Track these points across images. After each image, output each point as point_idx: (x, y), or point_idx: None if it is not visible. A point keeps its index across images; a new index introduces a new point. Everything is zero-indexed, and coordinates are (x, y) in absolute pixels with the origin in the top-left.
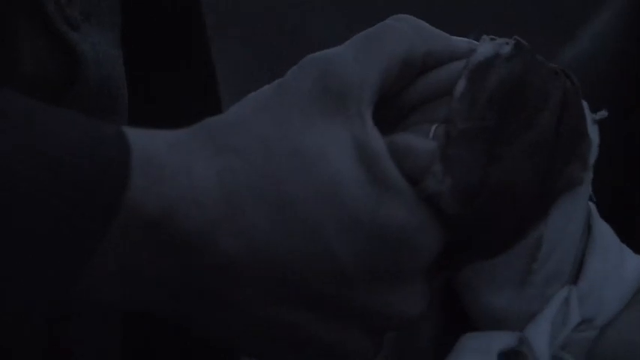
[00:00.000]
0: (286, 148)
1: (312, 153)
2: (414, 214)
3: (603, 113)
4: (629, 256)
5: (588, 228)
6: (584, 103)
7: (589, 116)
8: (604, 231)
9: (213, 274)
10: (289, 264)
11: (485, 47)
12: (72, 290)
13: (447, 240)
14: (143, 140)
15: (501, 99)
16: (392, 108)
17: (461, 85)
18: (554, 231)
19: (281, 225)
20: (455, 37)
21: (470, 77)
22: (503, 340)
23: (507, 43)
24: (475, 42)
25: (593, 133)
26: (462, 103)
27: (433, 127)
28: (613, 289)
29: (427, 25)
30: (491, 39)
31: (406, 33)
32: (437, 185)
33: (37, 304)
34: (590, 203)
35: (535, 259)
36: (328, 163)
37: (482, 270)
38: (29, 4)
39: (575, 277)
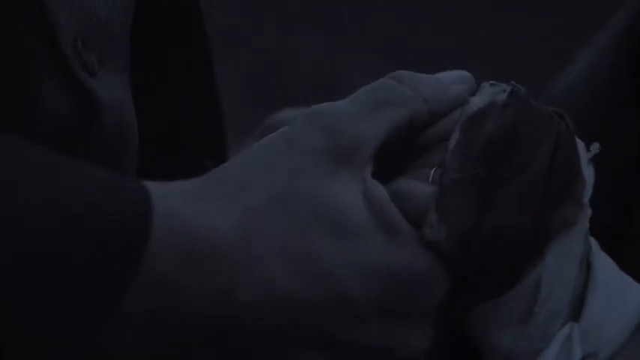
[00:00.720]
0: (301, 203)
1: (327, 207)
2: (424, 258)
3: (596, 146)
4: (631, 288)
5: (588, 264)
6: (580, 143)
7: (584, 156)
8: (605, 265)
9: (230, 325)
10: (306, 312)
11: (480, 98)
12: (95, 344)
13: (452, 281)
14: (162, 193)
15: (494, 148)
16: (398, 154)
17: (454, 137)
18: (552, 272)
19: (299, 277)
20: (455, 76)
21: (463, 129)
22: None
23: (504, 90)
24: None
25: (588, 172)
26: (455, 154)
27: (432, 171)
28: (615, 323)
29: (425, 78)
30: (491, 84)
31: (409, 97)
32: (433, 234)
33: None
34: (592, 238)
35: (535, 302)
36: (342, 215)
37: (487, 310)
38: (48, 48)
39: (577, 313)
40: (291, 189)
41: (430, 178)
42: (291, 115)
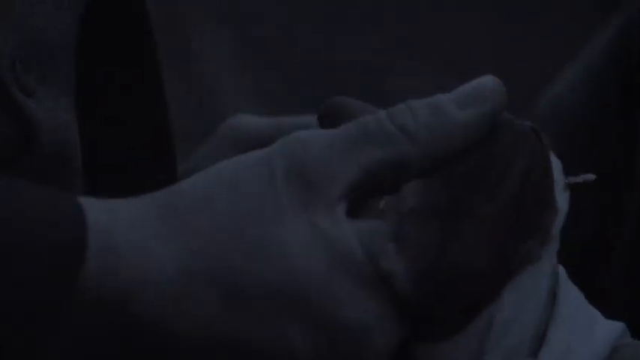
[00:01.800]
0: (248, 237)
1: (273, 247)
2: (377, 307)
3: (590, 177)
4: (599, 323)
5: (554, 295)
6: (557, 164)
7: (559, 179)
8: (571, 298)
9: (165, 354)
10: (240, 346)
11: None
12: None
13: (405, 330)
14: (101, 217)
15: (461, 175)
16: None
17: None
18: (510, 309)
19: (233, 312)
20: (470, 94)
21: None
22: None
23: None
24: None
25: (562, 200)
26: (417, 181)
27: (382, 202)
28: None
29: (422, 115)
30: None
31: (393, 138)
32: (390, 265)
33: None
34: (560, 266)
35: (487, 339)
36: (287, 258)
37: (439, 353)
38: None
39: (537, 350)
40: (244, 221)
41: (380, 206)
42: (246, 122)
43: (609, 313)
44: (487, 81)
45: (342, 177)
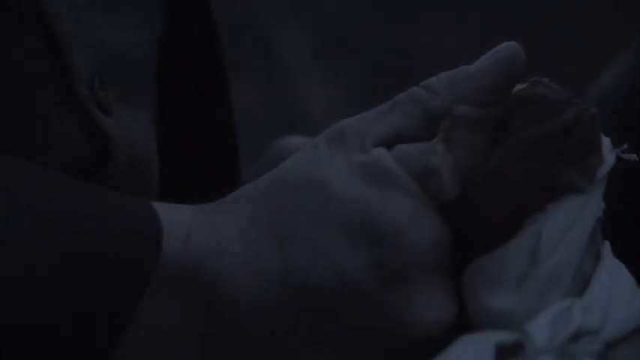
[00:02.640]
0: (292, 181)
1: (314, 182)
2: (413, 203)
3: (625, 149)
4: None
5: (598, 255)
6: (605, 138)
7: (607, 143)
8: (616, 265)
9: (241, 317)
10: (306, 290)
11: None
12: (116, 352)
13: (446, 234)
14: (170, 209)
15: (518, 99)
16: None
17: None
18: (554, 229)
19: (292, 255)
20: (490, 60)
21: None
22: (501, 336)
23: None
24: None
25: (609, 156)
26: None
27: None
28: (621, 307)
29: (446, 74)
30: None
31: (420, 96)
32: (438, 161)
33: None
34: (606, 242)
35: (534, 255)
36: (326, 188)
37: (482, 270)
38: (61, 87)
39: (582, 289)
40: (285, 178)
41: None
42: (296, 142)
43: None
44: (503, 44)
45: (373, 133)
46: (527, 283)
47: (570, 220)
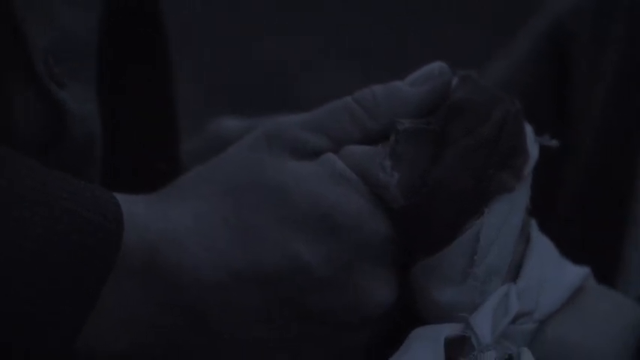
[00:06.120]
0: (246, 186)
1: (271, 179)
2: (366, 202)
3: (548, 140)
4: (569, 265)
5: (527, 238)
6: (528, 126)
7: (530, 135)
8: (544, 242)
9: (200, 304)
10: (266, 280)
11: None
12: (78, 339)
13: (393, 229)
14: (126, 199)
15: (447, 110)
16: None
17: None
18: (491, 228)
19: (252, 247)
20: (421, 76)
21: None
22: (450, 328)
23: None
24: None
25: (533, 149)
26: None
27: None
28: (551, 288)
29: (383, 94)
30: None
31: (358, 115)
32: (386, 178)
33: (44, 352)
34: (533, 219)
35: (475, 252)
36: (283, 190)
37: (428, 268)
38: (21, 62)
39: (514, 278)
40: (237, 176)
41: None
42: (234, 125)
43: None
44: (434, 64)
45: (312, 143)
46: (471, 276)
47: (503, 218)
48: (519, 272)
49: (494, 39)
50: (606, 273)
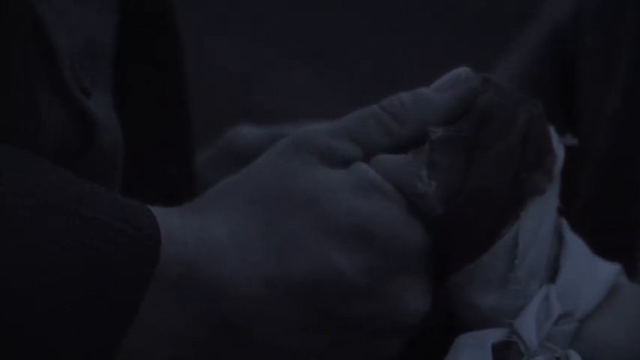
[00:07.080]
0: (278, 196)
1: (302, 189)
2: (400, 211)
3: (570, 139)
4: (600, 262)
5: (560, 237)
6: (551, 128)
7: (555, 136)
8: (576, 241)
9: (237, 315)
10: (302, 293)
11: None
12: (117, 355)
13: (431, 238)
14: (162, 212)
15: (476, 115)
16: None
17: None
18: (527, 232)
19: (287, 257)
20: (446, 81)
21: None
22: (495, 334)
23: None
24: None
25: (559, 150)
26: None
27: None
28: (588, 287)
29: (411, 102)
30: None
31: (388, 123)
32: (424, 187)
33: None
34: (563, 219)
35: (515, 256)
36: (316, 201)
37: (468, 275)
38: (48, 71)
39: (552, 277)
40: (269, 185)
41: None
42: (251, 132)
43: None
44: (459, 69)
45: (343, 150)
46: (511, 280)
47: (539, 220)
48: (556, 273)
49: (494, 42)
50: None
